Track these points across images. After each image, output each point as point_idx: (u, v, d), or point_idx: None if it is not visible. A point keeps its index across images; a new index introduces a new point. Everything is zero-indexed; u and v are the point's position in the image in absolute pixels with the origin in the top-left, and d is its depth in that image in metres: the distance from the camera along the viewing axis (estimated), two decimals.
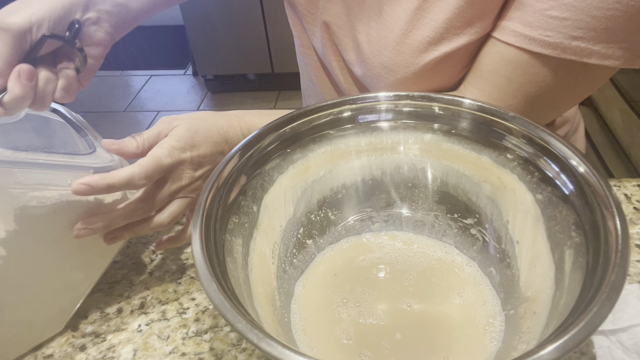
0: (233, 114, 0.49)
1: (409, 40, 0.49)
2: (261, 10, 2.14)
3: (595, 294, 0.28)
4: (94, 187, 0.39)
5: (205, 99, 2.51)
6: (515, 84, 0.46)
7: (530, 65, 0.44)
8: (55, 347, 0.46)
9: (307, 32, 0.62)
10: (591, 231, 0.33)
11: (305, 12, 0.59)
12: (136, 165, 0.41)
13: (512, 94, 0.47)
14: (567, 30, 0.41)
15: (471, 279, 0.43)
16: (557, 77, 0.44)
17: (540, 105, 0.48)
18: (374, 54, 0.52)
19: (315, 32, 0.60)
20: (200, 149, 0.45)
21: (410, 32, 0.48)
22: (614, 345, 0.40)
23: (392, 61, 0.51)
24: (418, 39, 0.48)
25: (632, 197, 0.57)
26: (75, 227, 0.42)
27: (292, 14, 0.63)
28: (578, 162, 0.36)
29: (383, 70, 0.52)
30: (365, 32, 0.52)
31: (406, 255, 0.45)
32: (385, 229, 0.48)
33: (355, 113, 0.45)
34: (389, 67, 0.51)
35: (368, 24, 0.52)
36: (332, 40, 0.58)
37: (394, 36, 0.49)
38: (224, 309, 0.28)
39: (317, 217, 0.47)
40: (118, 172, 0.40)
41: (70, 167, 0.41)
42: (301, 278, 0.44)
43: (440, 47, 0.48)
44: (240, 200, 0.40)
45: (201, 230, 0.34)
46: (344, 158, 0.47)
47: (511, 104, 0.47)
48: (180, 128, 0.44)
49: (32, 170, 0.39)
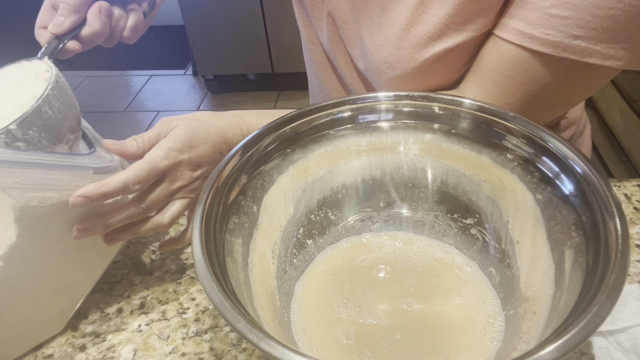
0: (232, 114, 0.49)
1: (410, 35, 0.49)
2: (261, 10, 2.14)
3: (595, 294, 0.28)
4: (90, 197, 0.40)
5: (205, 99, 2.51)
6: (516, 82, 0.46)
7: (530, 64, 0.44)
8: (55, 347, 0.46)
9: (313, 26, 0.63)
10: (591, 231, 0.33)
11: (312, 6, 0.60)
12: (129, 170, 0.41)
13: (511, 92, 0.47)
14: (567, 29, 0.40)
15: (471, 279, 0.43)
16: (558, 76, 0.44)
17: (540, 104, 0.48)
18: (375, 48, 0.52)
19: (321, 26, 0.60)
20: (198, 149, 0.45)
21: (411, 28, 0.48)
22: (612, 346, 0.40)
23: (392, 56, 0.51)
24: (419, 35, 0.48)
25: (632, 197, 0.57)
26: (74, 228, 0.42)
27: (299, 8, 0.64)
28: (578, 162, 0.36)
29: (384, 65, 0.52)
30: (368, 27, 0.53)
31: (406, 255, 0.45)
32: (385, 229, 0.48)
33: (355, 113, 0.45)
34: (389, 62, 0.51)
35: (371, 19, 0.52)
36: (338, 34, 0.58)
37: (395, 31, 0.50)
38: (224, 309, 0.28)
39: (317, 217, 0.47)
40: (112, 179, 0.41)
41: (70, 167, 0.41)
42: (301, 278, 0.44)
43: (441, 43, 0.48)
44: (240, 200, 0.40)
45: (201, 230, 0.34)
46: (344, 158, 0.47)
47: (511, 102, 0.47)
48: (179, 129, 0.45)
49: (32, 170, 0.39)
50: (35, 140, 0.38)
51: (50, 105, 0.39)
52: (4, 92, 0.40)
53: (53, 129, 0.39)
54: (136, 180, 0.41)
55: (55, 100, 0.39)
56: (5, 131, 0.37)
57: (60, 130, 0.40)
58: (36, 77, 0.40)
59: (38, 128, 0.38)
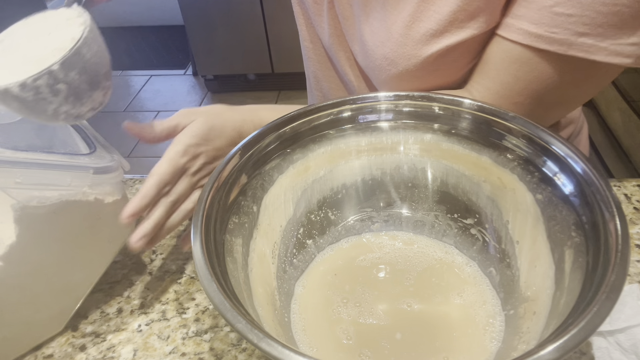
0: (247, 108, 0.51)
1: (412, 32, 0.49)
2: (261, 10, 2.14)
3: (595, 294, 0.28)
4: (138, 213, 0.42)
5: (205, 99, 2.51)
6: (523, 81, 0.46)
7: (537, 63, 0.44)
8: (55, 347, 0.46)
9: (313, 23, 0.63)
10: (591, 231, 0.33)
11: (312, 2, 0.60)
12: (155, 175, 0.43)
13: (518, 91, 0.47)
14: (573, 26, 0.40)
15: (471, 279, 0.43)
16: (564, 74, 0.44)
17: (548, 103, 0.48)
18: (376, 45, 0.52)
19: (321, 22, 0.60)
20: (215, 143, 0.47)
21: (413, 24, 0.49)
22: (612, 346, 0.40)
23: (394, 53, 0.51)
24: (421, 31, 0.48)
25: (632, 197, 0.57)
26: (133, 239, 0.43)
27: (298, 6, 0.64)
28: (578, 162, 0.36)
29: (385, 62, 0.52)
30: (369, 23, 0.53)
31: (406, 255, 0.45)
32: (385, 229, 0.48)
33: (355, 113, 0.45)
34: (390, 59, 0.51)
35: (371, 15, 0.53)
36: (340, 31, 0.58)
37: (397, 28, 0.50)
38: (224, 309, 0.28)
39: (317, 217, 0.47)
40: (145, 189, 0.42)
41: (70, 167, 0.41)
42: (301, 278, 0.44)
43: (443, 39, 0.48)
44: (240, 200, 0.40)
45: (201, 230, 0.34)
46: (344, 158, 0.47)
47: (518, 102, 0.47)
48: (197, 123, 0.46)
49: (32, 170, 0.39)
50: (75, 83, 0.38)
51: (89, 48, 0.39)
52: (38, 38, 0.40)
53: (91, 73, 0.39)
54: (164, 183, 0.43)
55: (93, 43, 0.39)
56: (48, 72, 0.37)
57: (97, 75, 0.40)
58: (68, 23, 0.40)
59: (79, 70, 0.38)
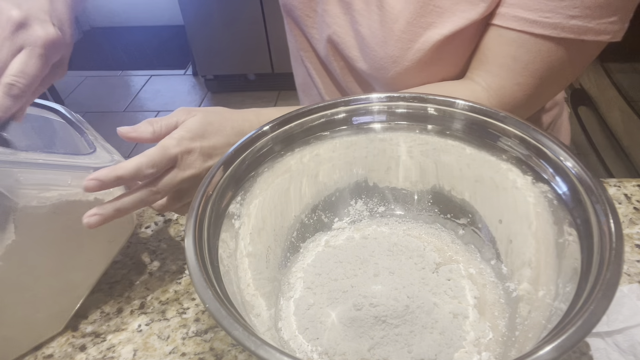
0: (250, 110, 0.50)
1: (415, 27, 0.50)
2: (261, 10, 2.14)
3: (591, 293, 0.28)
4: (104, 181, 0.39)
5: (205, 99, 2.51)
6: (521, 62, 0.49)
7: (532, 44, 0.47)
8: (55, 347, 0.46)
9: (305, 35, 0.63)
10: (585, 230, 0.33)
11: (304, 16, 0.60)
12: (143, 155, 0.41)
13: (519, 72, 0.49)
14: (564, 10, 0.44)
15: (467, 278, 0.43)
16: (559, 53, 0.47)
17: (546, 82, 0.50)
18: (379, 45, 0.53)
19: (314, 34, 0.61)
20: (211, 140, 0.45)
21: (415, 20, 0.50)
22: (610, 347, 0.40)
23: (398, 50, 0.52)
24: (424, 26, 0.50)
25: (632, 197, 0.57)
26: (86, 214, 0.40)
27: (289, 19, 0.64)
28: (571, 162, 0.36)
29: (389, 61, 0.53)
30: (368, 25, 0.53)
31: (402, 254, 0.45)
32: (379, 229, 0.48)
33: (349, 115, 0.45)
34: (395, 57, 0.52)
35: (370, 17, 0.53)
36: (334, 40, 0.58)
37: (399, 26, 0.51)
38: (220, 316, 0.28)
39: (311, 219, 0.47)
40: (125, 163, 0.40)
41: (70, 167, 0.41)
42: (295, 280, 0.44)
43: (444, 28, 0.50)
44: (233, 205, 0.40)
45: (194, 236, 0.33)
46: (338, 160, 0.47)
47: (520, 82, 0.50)
48: (195, 118, 0.45)
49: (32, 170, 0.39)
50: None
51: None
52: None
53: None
54: (149, 165, 0.41)
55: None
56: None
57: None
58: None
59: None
